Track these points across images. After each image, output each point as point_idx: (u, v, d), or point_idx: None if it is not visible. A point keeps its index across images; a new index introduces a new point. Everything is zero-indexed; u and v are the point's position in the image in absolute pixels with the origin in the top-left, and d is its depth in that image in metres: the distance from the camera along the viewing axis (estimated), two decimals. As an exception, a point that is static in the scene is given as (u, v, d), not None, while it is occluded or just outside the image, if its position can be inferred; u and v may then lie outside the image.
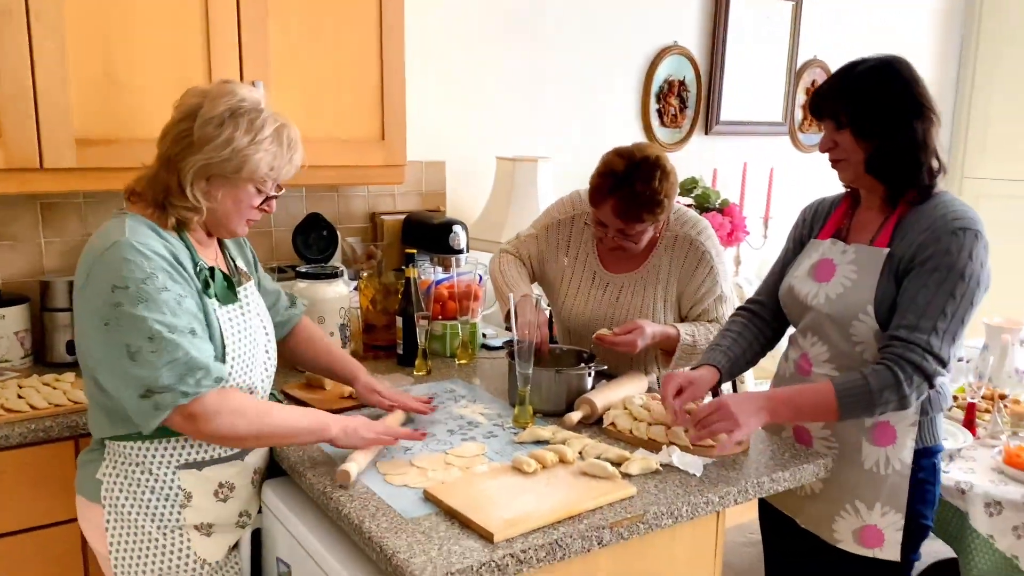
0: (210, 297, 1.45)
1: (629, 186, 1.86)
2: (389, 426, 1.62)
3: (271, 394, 1.69)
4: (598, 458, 1.57)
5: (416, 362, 2.12)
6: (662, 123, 3.42)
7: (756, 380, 3.28)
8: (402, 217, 2.67)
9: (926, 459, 1.66)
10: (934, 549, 2.33)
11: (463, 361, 2.24)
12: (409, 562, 1.20)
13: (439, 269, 2.47)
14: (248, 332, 1.52)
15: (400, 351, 2.19)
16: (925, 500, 1.67)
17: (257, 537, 1.63)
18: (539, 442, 1.66)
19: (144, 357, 1.32)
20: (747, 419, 1.53)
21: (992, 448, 2.13)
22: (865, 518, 1.67)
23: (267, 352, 1.59)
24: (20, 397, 1.83)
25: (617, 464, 1.54)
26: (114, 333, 1.33)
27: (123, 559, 1.48)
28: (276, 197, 1.54)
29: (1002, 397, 2.37)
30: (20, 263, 2.21)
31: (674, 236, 2.07)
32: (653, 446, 1.64)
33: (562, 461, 1.54)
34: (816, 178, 4.00)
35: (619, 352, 1.96)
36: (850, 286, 1.62)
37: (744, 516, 3.29)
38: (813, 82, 3.87)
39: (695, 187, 3.33)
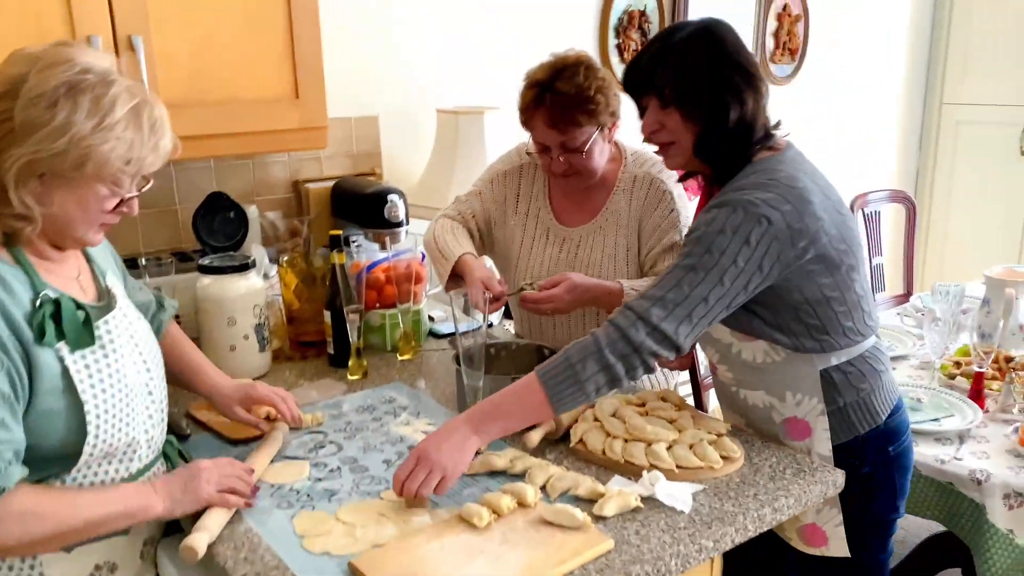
0: (50, 345, 1.11)
1: (553, 89, 1.68)
2: (253, 465, 1.34)
3: (167, 441, 1.37)
4: (565, 493, 1.30)
5: (350, 363, 1.81)
6: (622, 60, 3.06)
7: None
8: (331, 184, 2.32)
9: (870, 446, 1.44)
10: (928, 525, 2.15)
11: (406, 356, 1.94)
12: None
13: (376, 246, 2.15)
14: (117, 377, 1.18)
15: (331, 351, 1.87)
16: (882, 493, 1.47)
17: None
18: (494, 472, 1.38)
19: None
20: (455, 457, 1.26)
21: (1005, 425, 1.91)
22: (802, 518, 1.48)
23: (150, 394, 1.26)
24: None
25: (590, 501, 1.27)
26: None
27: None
28: (138, 196, 1.20)
29: (1008, 360, 2.14)
30: None
31: (632, 177, 1.84)
32: (631, 470, 1.37)
33: (521, 505, 1.25)
34: (790, 113, 3.71)
35: (546, 313, 1.69)
36: None
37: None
38: (785, 6, 3.53)
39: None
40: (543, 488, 1.32)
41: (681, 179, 1.61)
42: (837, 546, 1.48)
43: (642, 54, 1.41)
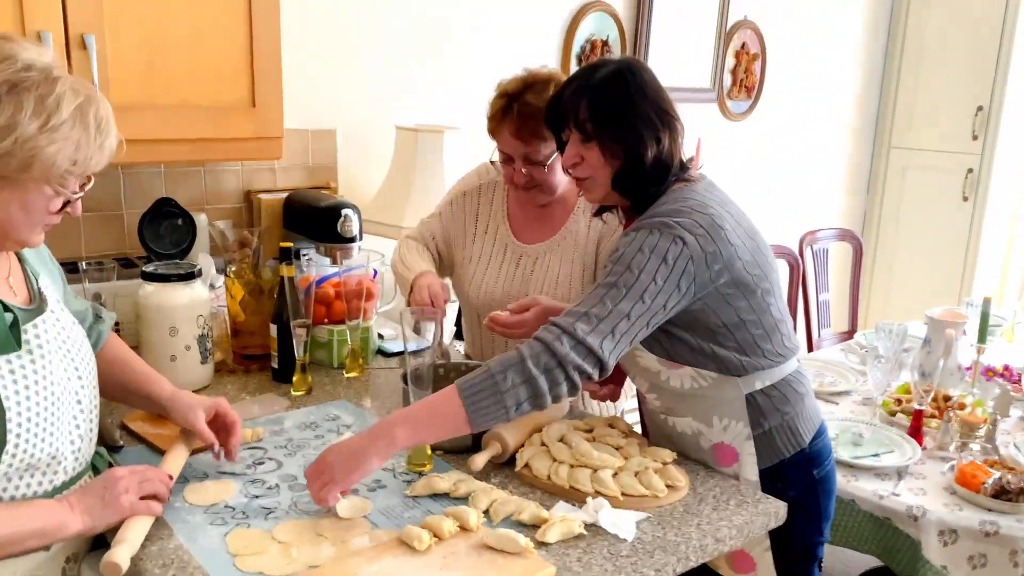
0: None
1: (522, 101, 1.70)
2: (168, 466, 1.31)
3: (97, 453, 1.32)
4: (508, 518, 1.28)
5: (294, 379, 1.77)
6: (583, 87, 3.09)
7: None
8: (284, 196, 2.28)
9: (795, 470, 1.46)
10: (864, 560, 2.18)
11: (353, 374, 1.90)
12: None
13: (327, 260, 2.11)
14: (43, 384, 1.14)
15: (275, 365, 1.83)
16: (809, 517, 1.49)
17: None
18: (437, 495, 1.35)
19: None
20: (346, 464, 1.24)
21: (942, 462, 1.94)
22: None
23: (79, 402, 1.21)
24: None
25: (533, 527, 1.25)
26: None
27: None
28: (81, 196, 1.16)
29: (946, 399, 2.19)
30: None
31: None
32: (576, 496, 1.35)
33: (463, 528, 1.23)
34: (745, 150, 3.79)
35: (515, 338, 1.68)
36: None
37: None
38: (743, 44, 3.61)
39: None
40: (486, 512, 1.30)
41: (597, 213, 1.63)
42: (765, 572, 1.49)
43: (564, 88, 1.45)
